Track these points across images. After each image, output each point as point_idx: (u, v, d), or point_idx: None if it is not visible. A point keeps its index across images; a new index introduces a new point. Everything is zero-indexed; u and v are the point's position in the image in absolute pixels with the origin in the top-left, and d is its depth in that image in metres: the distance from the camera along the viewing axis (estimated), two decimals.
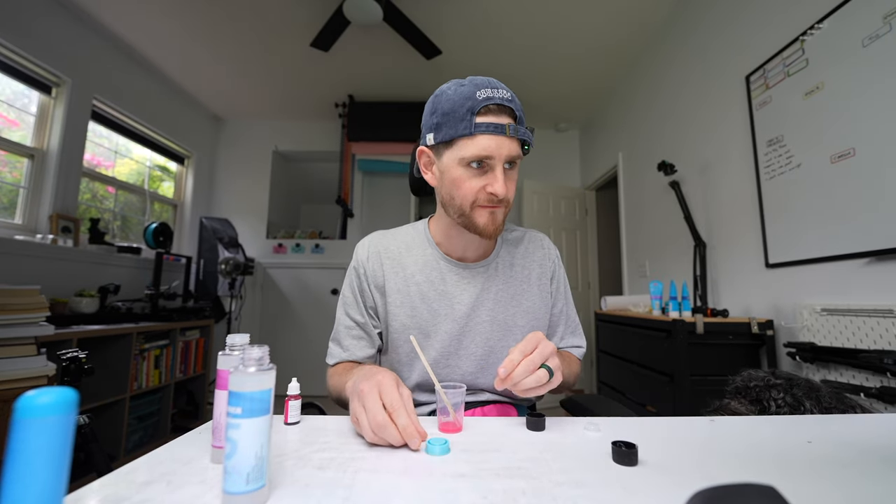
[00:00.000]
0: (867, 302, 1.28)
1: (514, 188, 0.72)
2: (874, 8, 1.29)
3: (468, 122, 0.65)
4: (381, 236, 0.86)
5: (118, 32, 2.67)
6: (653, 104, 2.67)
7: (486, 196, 0.69)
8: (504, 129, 0.65)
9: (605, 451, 0.48)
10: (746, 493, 0.30)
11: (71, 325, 1.99)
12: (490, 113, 0.66)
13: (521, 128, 0.68)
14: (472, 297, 0.80)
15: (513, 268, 0.84)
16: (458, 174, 0.70)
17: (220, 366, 0.47)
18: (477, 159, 0.67)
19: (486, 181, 0.69)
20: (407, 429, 0.49)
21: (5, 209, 2.22)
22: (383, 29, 2.45)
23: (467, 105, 0.65)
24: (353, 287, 0.84)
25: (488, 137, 0.66)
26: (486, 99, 0.65)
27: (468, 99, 0.66)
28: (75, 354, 1.33)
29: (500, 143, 0.66)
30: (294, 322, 3.74)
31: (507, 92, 0.67)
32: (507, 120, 0.67)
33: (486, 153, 0.66)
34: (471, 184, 0.69)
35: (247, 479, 0.36)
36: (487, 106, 0.65)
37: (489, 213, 0.71)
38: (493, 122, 0.65)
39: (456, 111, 0.66)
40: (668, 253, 2.44)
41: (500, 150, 0.66)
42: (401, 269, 0.82)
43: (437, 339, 0.79)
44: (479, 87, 0.66)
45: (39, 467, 0.27)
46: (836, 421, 0.63)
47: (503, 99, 0.66)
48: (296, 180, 4.54)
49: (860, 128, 1.32)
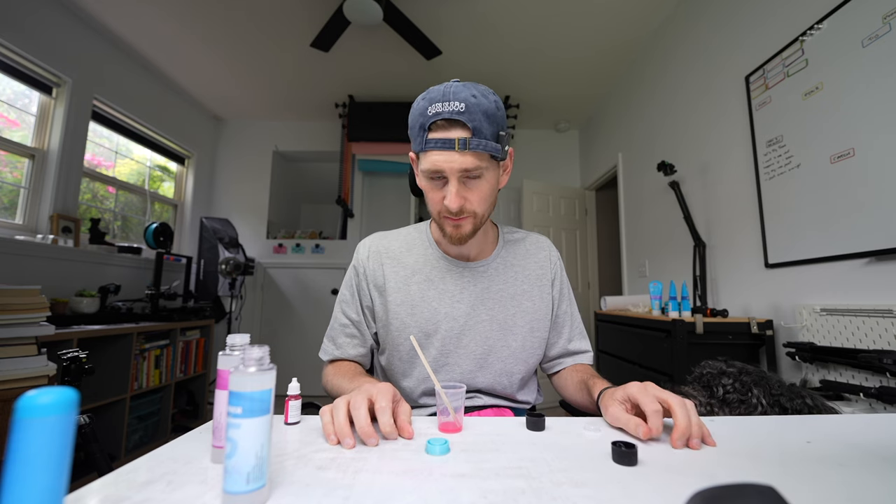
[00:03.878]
0: (866, 302, 1.28)
1: (478, 198, 0.71)
2: (874, 8, 1.29)
3: (422, 138, 0.67)
4: (382, 237, 0.88)
5: (118, 32, 2.67)
6: (652, 104, 2.67)
7: (443, 208, 0.71)
8: (453, 143, 0.65)
9: (604, 451, 0.48)
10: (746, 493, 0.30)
11: (71, 325, 1.99)
12: (439, 129, 0.65)
13: (475, 140, 0.64)
14: (472, 296, 0.80)
15: (513, 268, 0.84)
16: (424, 184, 0.73)
17: (220, 366, 0.47)
18: (431, 173, 0.69)
19: (443, 194, 0.70)
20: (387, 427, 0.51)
21: (6, 209, 2.22)
22: (383, 29, 2.45)
23: (420, 121, 0.67)
24: (352, 285, 0.85)
25: (437, 153, 0.66)
26: (435, 115, 0.65)
27: (421, 115, 0.67)
28: (76, 354, 1.33)
29: (450, 157, 0.65)
30: (294, 322, 3.74)
31: (461, 104, 0.64)
32: (459, 133, 0.65)
33: (436, 168, 0.67)
34: (433, 196, 0.72)
35: (247, 479, 0.36)
36: (436, 122, 0.65)
37: (453, 225, 0.73)
38: (442, 138, 0.65)
39: (414, 126, 0.69)
40: (668, 253, 2.44)
41: (450, 165, 0.66)
42: (401, 268, 0.82)
43: (436, 337, 0.79)
44: (431, 102, 0.66)
45: (40, 467, 0.27)
46: (836, 421, 0.63)
47: (452, 112, 0.64)
48: (296, 180, 4.54)
49: (860, 128, 1.32)
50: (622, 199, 3.06)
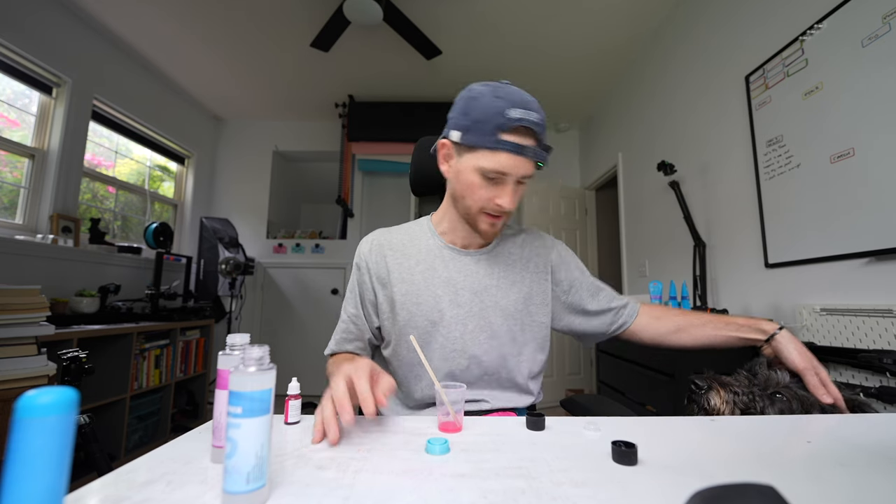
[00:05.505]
0: (866, 302, 1.28)
1: (519, 200, 0.75)
2: (874, 8, 1.29)
3: (494, 136, 0.67)
4: (384, 231, 0.90)
5: (118, 32, 2.67)
6: (652, 104, 2.67)
7: (494, 206, 0.73)
8: (525, 150, 0.68)
9: (604, 450, 0.48)
10: (746, 493, 0.30)
11: (71, 324, 1.99)
12: (516, 133, 0.67)
13: (540, 151, 0.70)
14: (475, 283, 0.82)
15: (511, 255, 0.87)
16: (472, 179, 0.72)
17: (220, 365, 0.47)
18: (493, 173, 0.70)
19: (496, 193, 0.72)
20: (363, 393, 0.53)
21: (6, 209, 2.22)
22: (383, 29, 2.45)
23: (498, 120, 0.67)
24: (354, 281, 0.87)
25: (508, 156, 0.68)
26: (518, 120, 0.66)
27: (500, 114, 0.67)
28: (76, 354, 1.33)
29: (519, 163, 0.68)
30: (294, 322, 3.74)
31: (538, 115, 0.68)
32: (530, 142, 0.68)
33: (503, 170, 0.69)
34: (482, 192, 0.72)
35: (247, 479, 0.36)
36: (516, 127, 0.67)
37: (491, 223, 0.76)
38: (518, 143, 0.67)
39: (486, 122, 0.68)
40: (668, 253, 2.44)
41: (516, 170, 0.69)
42: (404, 258, 0.84)
43: (443, 325, 0.80)
44: (513, 105, 0.67)
45: (40, 467, 0.27)
46: (837, 421, 0.63)
47: (532, 123, 0.67)
48: (296, 180, 4.54)
49: (860, 128, 1.32)
50: (622, 199, 3.06)
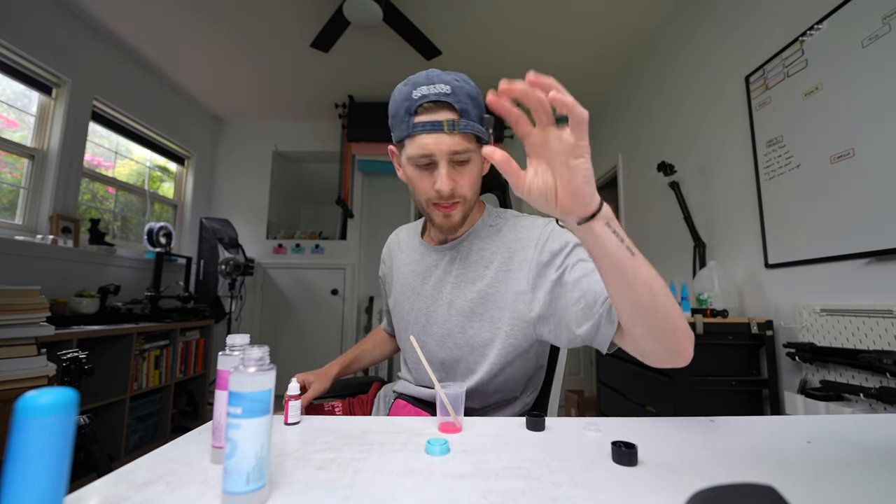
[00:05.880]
0: (866, 302, 1.28)
1: (468, 182, 0.69)
2: (874, 8, 1.29)
3: (408, 122, 0.66)
4: (401, 228, 0.96)
5: (118, 33, 2.67)
6: (652, 104, 2.67)
7: (434, 194, 0.69)
8: (441, 125, 0.64)
9: (604, 451, 0.48)
10: (746, 493, 0.30)
11: (71, 325, 1.99)
12: (426, 111, 0.65)
13: (463, 121, 0.64)
14: (436, 280, 0.79)
15: (475, 252, 0.77)
16: (411, 173, 0.71)
17: (220, 366, 0.47)
18: (420, 159, 0.67)
19: (433, 179, 0.68)
20: None
21: (6, 210, 2.22)
22: (383, 29, 2.45)
23: (405, 105, 0.66)
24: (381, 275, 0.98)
25: (426, 136, 0.65)
26: (422, 97, 0.64)
27: (406, 99, 0.65)
28: (75, 355, 1.33)
29: (439, 140, 0.64)
30: (294, 322, 3.74)
31: (446, 86, 0.64)
32: (446, 115, 0.64)
33: (426, 152, 0.66)
34: (422, 183, 0.70)
35: (247, 480, 0.36)
36: (422, 104, 0.64)
37: (443, 214, 0.71)
38: (430, 120, 0.64)
39: (398, 112, 0.67)
40: (668, 253, 2.44)
41: (439, 147, 0.65)
42: (401, 254, 0.89)
43: (411, 315, 0.82)
44: (416, 86, 0.65)
45: (40, 467, 0.27)
46: (836, 421, 0.63)
47: (439, 94, 0.63)
48: (296, 180, 4.54)
49: (860, 128, 1.32)
50: (622, 199, 3.06)
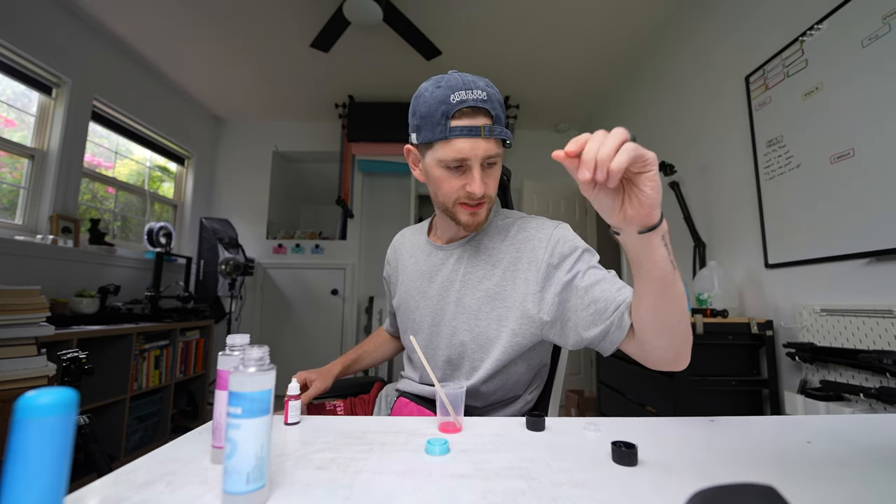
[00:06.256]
0: (866, 302, 1.28)
1: (495, 184, 0.73)
2: (874, 8, 1.29)
3: (443, 126, 0.66)
4: (406, 230, 0.97)
5: (118, 33, 2.67)
6: (652, 105, 2.67)
7: (466, 195, 0.71)
8: (479, 130, 0.65)
9: (605, 451, 0.48)
10: (746, 493, 0.30)
11: (71, 325, 1.99)
12: (464, 116, 0.66)
13: (497, 127, 0.67)
14: (443, 278, 0.80)
15: (483, 251, 0.79)
16: (438, 174, 0.71)
17: (220, 366, 0.47)
18: (454, 162, 0.68)
19: (465, 181, 0.70)
20: None
21: (6, 210, 2.22)
22: (383, 29, 2.45)
23: (442, 109, 0.66)
24: (385, 276, 1.00)
25: (463, 141, 0.66)
26: (460, 102, 0.65)
27: (442, 103, 0.66)
28: (75, 355, 1.33)
29: (476, 145, 0.66)
30: (294, 322, 3.74)
31: (482, 92, 0.66)
32: (483, 121, 0.66)
33: (462, 156, 0.67)
34: (450, 184, 0.71)
35: (247, 480, 0.36)
36: (461, 109, 0.65)
37: (470, 213, 0.73)
38: (468, 125, 0.65)
39: (432, 115, 0.67)
40: None
41: (475, 152, 0.66)
42: (406, 254, 0.91)
43: (417, 314, 0.83)
44: (453, 90, 0.66)
45: (40, 467, 0.27)
46: (836, 421, 0.63)
47: (477, 100, 0.65)
48: (296, 180, 4.54)
49: (860, 128, 1.32)
50: None
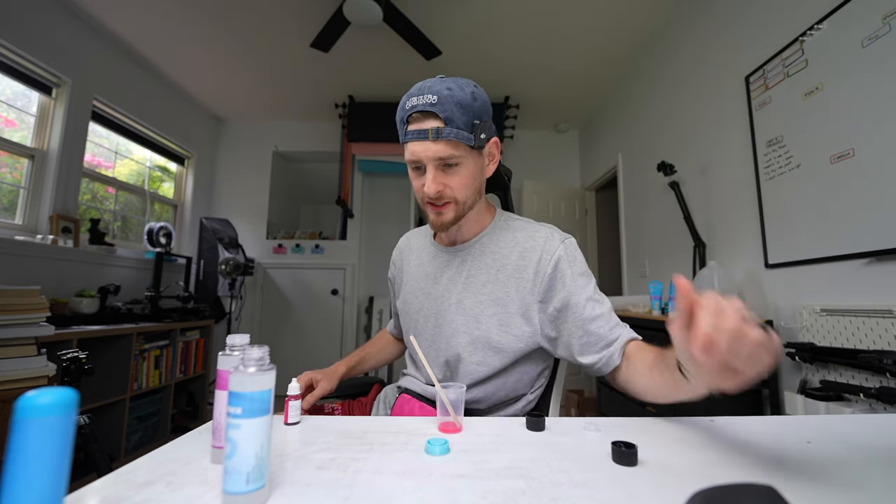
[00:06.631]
0: (866, 302, 1.28)
1: (459, 185, 0.74)
2: (874, 9, 1.29)
3: (402, 130, 0.73)
4: (412, 232, 0.99)
5: (118, 33, 2.67)
6: (652, 104, 2.67)
7: (423, 194, 0.75)
8: (426, 133, 0.70)
9: (605, 451, 0.48)
10: (746, 493, 0.30)
11: (71, 325, 1.99)
12: (415, 121, 0.71)
13: (447, 129, 0.69)
14: (447, 280, 0.83)
15: (488, 255, 0.80)
16: (410, 175, 0.78)
17: (220, 366, 0.47)
18: (411, 164, 0.74)
19: (423, 181, 0.74)
20: None
21: (5, 210, 2.22)
22: (383, 29, 2.45)
23: (400, 115, 0.73)
24: (390, 277, 1.02)
25: (414, 143, 0.72)
26: (411, 108, 0.70)
27: (402, 109, 0.73)
28: (75, 355, 1.33)
29: (425, 146, 0.71)
30: (294, 322, 3.74)
31: (433, 96, 0.69)
32: (432, 124, 0.70)
33: (414, 157, 0.72)
34: (416, 184, 0.77)
35: (247, 480, 0.36)
36: (412, 114, 0.70)
37: (435, 212, 0.76)
38: (417, 129, 0.70)
39: (397, 121, 0.75)
40: (668, 253, 2.44)
41: (425, 153, 0.71)
42: (411, 255, 0.93)
43: (420, 314, 0.85)
44: (410, 96, 0.71)
45: (40, 467, 0.27)
46: (836, 421, 0.63)
47: (426, 105, 0.69)
48: (296, 180, 4.54)
49: (860, 128, 1.32)
50: (622, 200, 3.06)
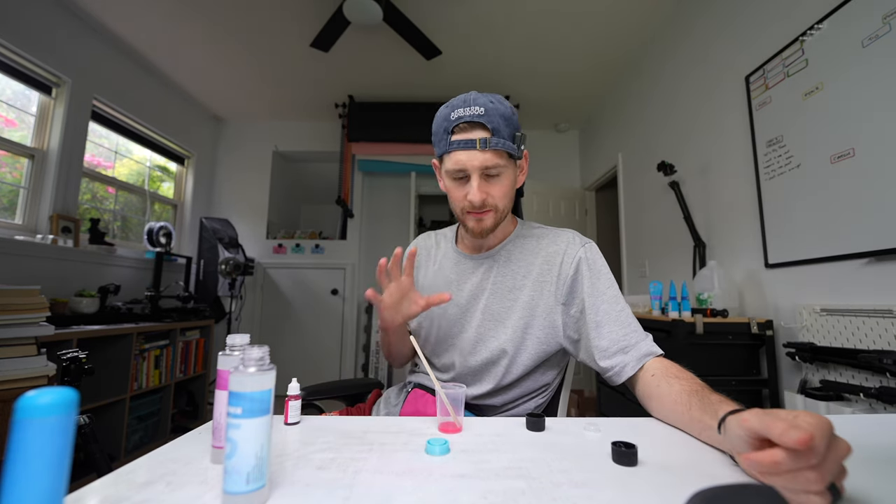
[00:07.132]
0: (866, 302, 1.28)
1: (501, 194, 0.77)
2: (874, 8, 1.29)
3: (446, 140, 0.75)
4: (432, 233, 0.99)
5: (118, 33, 2.67)
6: (652, 104, 2.67)
7: (467, 203, 0.77)
8: (475, 143, 0.72)
9: (605, 451, 0.48)
10: (746, 493, 0.30)
11: (71, 325, 1.99)
12: (462, 131, 0.73)
13: (495, 139, 0.72)
14: (473, 286, 0.85)
15: (514, 261, 0.85)
16: (448, 185, 0.80)
17: (220, 366, 0.47)
18: (456, 173, 0.75)
19: (466, 190, 0.76)
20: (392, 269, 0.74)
21: (5, 209, 2.22)
22: (383, 29, 2.45)
23: (444, 125, 0.75)
24: None
25: (461, 153, 0.74)
26: (458, 118, 0.73)
27: (445, 119, 0.75)
28: (75, 354, 1.33)
29: (472, 156, 0.73)
30: (294, 322, 3.74)
31: (480, 108, 0.72)
32: (480, 134, 0.72)
33: (460, 166, 0.74)
34: (457, 193, 0.78)
35: (247, 480, 0.36)
36: (459, 124, 0.73)
37: (476, 219, 0.79)
38: (465, 139, 0.73)
39: (438, 131, 0.77)
40: (668, 253, 2.44)
41: (472, 163, 0.73)
42: (430, 261, 0.94)
43: (444, 320, 0.86)
44: (454, 108, 0.74)
45: (40, 467, 0.27)
46: (836, 421, 0.63)
47: (473, 116, 0.72)
48: (296, 180, 4.54)
49: (860, 128, 1.32)
50: (622, 200, 3.06)
